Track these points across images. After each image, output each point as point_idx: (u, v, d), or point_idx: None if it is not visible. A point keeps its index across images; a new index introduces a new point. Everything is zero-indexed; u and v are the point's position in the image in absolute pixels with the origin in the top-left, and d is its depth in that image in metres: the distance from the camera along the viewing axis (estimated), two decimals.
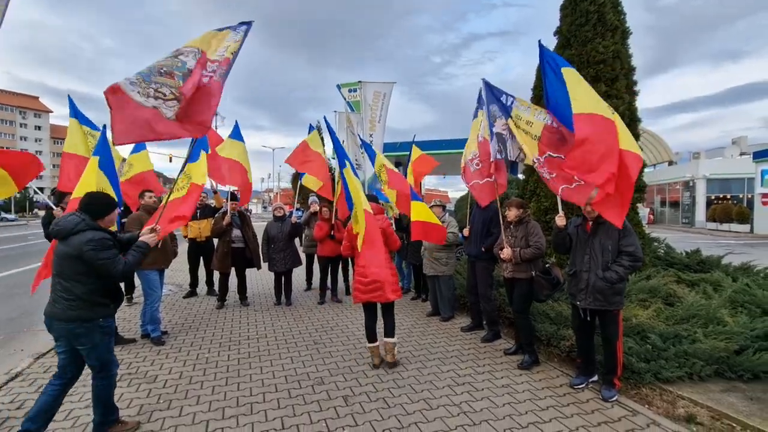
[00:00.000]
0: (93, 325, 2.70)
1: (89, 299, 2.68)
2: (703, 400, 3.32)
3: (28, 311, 6.50)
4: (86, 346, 2.71)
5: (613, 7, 5.96)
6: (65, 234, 2.66)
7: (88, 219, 2.74)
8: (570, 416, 3.19)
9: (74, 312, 2.64)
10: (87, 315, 2.68)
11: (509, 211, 4.34)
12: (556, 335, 4.23)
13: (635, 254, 3.30)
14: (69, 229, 2.66)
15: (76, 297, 2.65)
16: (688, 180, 30.07)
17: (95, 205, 2.85)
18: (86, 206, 2.81)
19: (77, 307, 2.65)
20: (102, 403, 2.87)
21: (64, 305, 2.64)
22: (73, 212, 2.78)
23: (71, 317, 2.64)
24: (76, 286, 2.65)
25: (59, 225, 2.68)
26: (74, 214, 2.74)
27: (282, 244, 6.49)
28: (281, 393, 3.57)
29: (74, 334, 2.67)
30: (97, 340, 2.73)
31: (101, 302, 2.75)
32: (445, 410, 3.27)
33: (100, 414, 2.88)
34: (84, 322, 2.67)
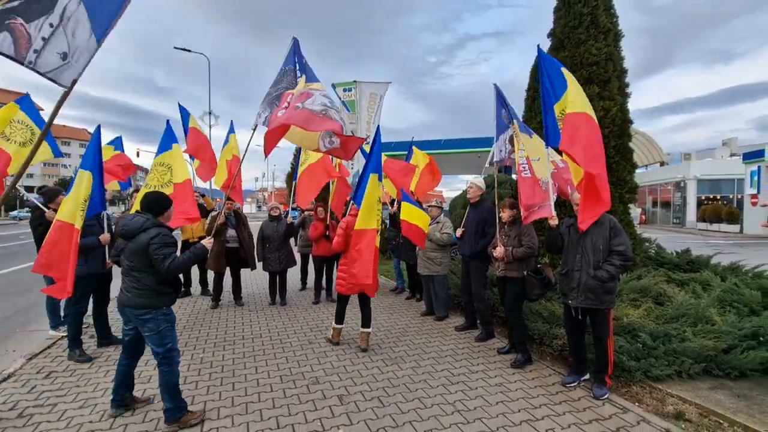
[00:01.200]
0: (158, 312, 2.99)
1: (156, 289, 2.99)
2: (691, 397, 3.38)
3: (22, 311, 6.45)
4: (153, 332, 2.97)
5: (605, 9, 6.02)
6: (134, 233, 2.95)
7: (152, 217, 3.04)
8: (562, 414, 3.24)
9: (143, 300, 2.95)
10: (154, 303, 2.98)
11: (503, 212, 4.39)
12: (549, 334, 4.29)
13: (626, 254, 3.36)
14: (137, 229, 2.95)
15: (145, 287, 2.96)
16: (679, 181, 30.42)
17: (155, 204, 3.11)
18: (148, 205, 3.10)
19: (146, 295, 2.96)
20: (168, 390, 3.02)
21: (135, 293, 2.96)
22: (137, 212, 3.09)
23: (140, 304, 2.95)
24: (146, 277, 2.96)
25: (127, 226, 2.97)
26: (139, 215, 3.04)
27: (277, 244, 6.49)
28: (276, 393, 3.58)
29: (142, 320, 2.95)
30: (162, 326, 2.99)
31: (166, 291, 3.06)
32: (440, 409, 3.30)
33: (170, 401, 3.02)
34: (152, 309, 2.97)
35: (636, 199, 6.24)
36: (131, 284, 2.98)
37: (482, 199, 5.17)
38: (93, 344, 4.69)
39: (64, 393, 3.57)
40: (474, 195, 5.16)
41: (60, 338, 4.88)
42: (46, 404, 3.37)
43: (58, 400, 3.45)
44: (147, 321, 2.95)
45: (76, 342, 4.34)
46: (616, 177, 6.00)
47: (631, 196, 6.04)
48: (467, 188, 5.31)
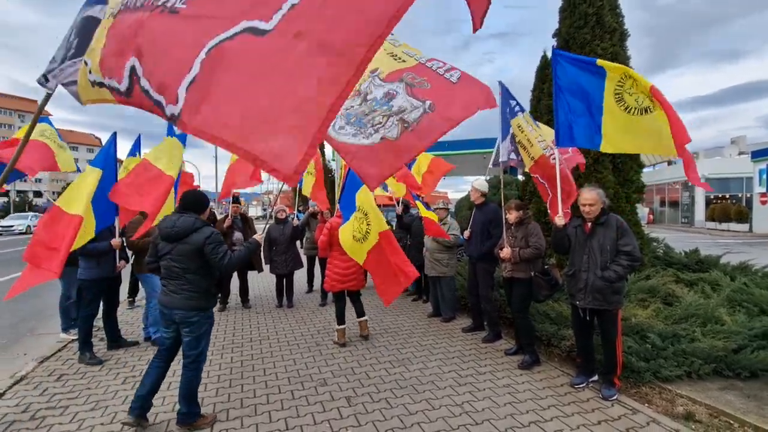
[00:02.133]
0: (205, 315, 3.03)
1: (208, 290, 3.04)
2: (701, 398, 3.35)
3: (31, 315, 6.53)
4: (194, 334, 2.97)
5: (611, 9, 6.01)
6: (185, 233, 2.92)
7: (198, 216, 3.05)
8: (571, 415, 3.23)
9: (194, 302, 2.95)
10: (203, 305, 3.01)
11: (509, 214, 4.39)
12: (557, 335, 4.27)
13: (633, 254, 3.34)
14: (188, 229, 2.92)
15: (199, 289, 2.97)
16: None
17: (198, 203, 3.12)
18: (192, 205, 3.08)
19: (198, 297, 2.97)
20: (188, 393, 3.02)
21: (187, 295, 2.94)
22: (178, 212, 3.04)
23: (192, 306, 2.94)
24: (200, 280, 2.97)
25: (176, 227, 2.93)
26: (186, 215, 3.00)
27: (283, 247, 6.53)
28: (284, 394, 3.61)
29: (189, 321, 2.95)
30: (203, 328, 3.02)
31: (214, 292, 3.15)
32: (447, 410, 3.30)
33: (187, 405, 3.02)
34: (201, 311, 2.99)
35: (643, 198, 6.21)
36: (183, 287, 2.94)
37: (487, 201, 5.17)
38: (103, 347, 4.74)
39: (76, 395, 3.62)
40: (475, 197, 5.17)
41: (70, 341, 4.93)
42: (57, 406, 3.42)
43: (69, 402, 3.50)
44: (193, 323, 2.96)
45: (87, 345, 4.39)
46: (623, 177, 5.98)
47: (638, 196, 6.01)
48: (472, 192, 5.31)
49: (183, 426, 3.03)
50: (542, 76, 7.18)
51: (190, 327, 2.96)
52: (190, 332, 2.97)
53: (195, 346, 3.00)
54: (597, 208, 3.53)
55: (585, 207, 3.56)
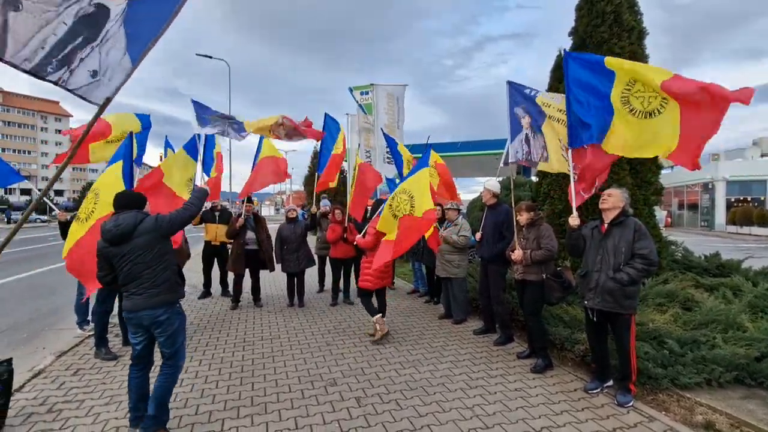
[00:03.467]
0: (174, 309, 2.91)
1: (169, 281, 2.89)
2: (722, 407, 3.25)
3: (50, 311, 6.69)
4: (167, 333, 2.86)
5: (629, 7, 5.89)
6: (133, 227, 2.77)
7: (139, 210, 2.94)
8: (585, 421, 3.16)
9: (162, 297, 2.82)
10: (169, 298, 2.87)
11: (520, 215, 4.33)
12: (570, 339, 4.19)
13: (649, 257, 3.25)
14: (134, 222, 2.79)
15: (163, 281, 2.84)
16: (707, 182, 29.42)
17: (135, 200, 3.01)
18: (129, 202, 2.96)
19: (165, 290, 2.84)
20: (160, 396, 2.89)
21: (151, 293, 2.80)
22: (123, 212, 2.88)
23: (159, 303, 2.81)
24: (161, 271, 2.83)
25: (119, 228, 2.74)
26: (125, 212, 2.86)
27: (295, 245, 6.56)
28: (295, 393, 3.61)
29: (158, 321, 2.82)
30: (176, 323, 2.91)
31: (178, 282, 3.03)
32: (458, 413, 3.27)
33: (155, 408, 2.87)
34: (167, 305, 2.86)
35: (661, 201, 6.06)
36: (142, 285, 2.79)
37: (499, 202, 5.11)
38: (118, 343, 4.82)
39: (91, 390, 3.68)
40: (487, 199, 5.11)
41: (87, 337, 5.03)
42: (74, 400, 3.48)
43: (85, 396, 3.56)
44: (163, 322, 2.83)
45: (102, 340, 4.48)
46: (641, 179, 5.85)
47: (656, 198, 5.88)
48: (484, 194, 5.25)
49: (146, 430, 2.84)
50: (558, 75, 7.06)
51: (161, 326, 2.84)
52: (163, 331, 2.85)
53: (171, 344, 2.90)
54: (614, 204, 3.46)
55: (603, 198, 3.51)
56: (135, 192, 3.28)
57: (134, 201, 2.99)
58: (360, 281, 5.17)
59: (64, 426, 3.09)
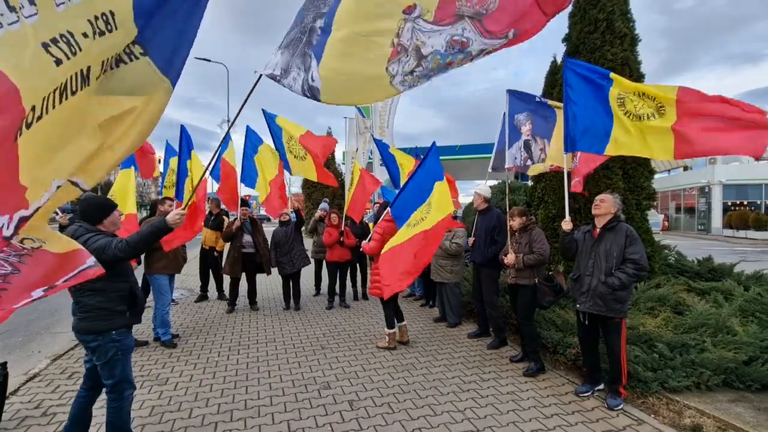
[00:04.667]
0: (106, 338, 2.55)
1: (103, 307, 2.55)
2: (710, 410, 3.29)
3: (46, 314, 6.69)
4: (101, 361, 2.57)
5: (621, 14, 5.96)
6: None
7: (86, 224, 2.59)
8: (574, 424, 3.19)
9: (86, 323, 2.54)
10: (99, 326, 2.54)
11: (513, 221, 4.38)
12: (562, 343, 4.23)
13: (640, 262, 3.30)
14: None
15: (90, 308, 2.54)
16: (703, 186, 29.54)
17: (90, 210, 2.66)
18: (82, 213, 2.65)
19: (90, 318, 2.54)
20: (112, 428, 2.66)
21: (79, 317, 2.57)
22: (78, 221, 2.63)
23: (85, 329, 2.55)
24: (88, 296, 2.53)
25: None
26: (77, 224, 2.59)
27: (287, 247, 6.60)
28: (288, 397, 3.64)
29: (89, 347, 2.58)
30: (110, 354, 2.56)
31: (116, 311, 2.61)
32: (449, 416, 3.30)
33: None
34: (97, 334, 2.54)
35: (654, 205, 6.11)
36: (75, 305, 2.58)
37: (490, 207, 5.16)
38: None
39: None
40: (479, 204, 5.17)
41: None
42: (68, 403, 3.48)
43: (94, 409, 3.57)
44: (95, 348, 2.54)
45: None
46: (633, 183, 5.90)
47: (648, 203, 5.93)
48: (475, 198, 5.31)
49: None
50: (552, 81, 7.14)
51: (95, 353, 2.56)
52: (97, 359, 2.56)
53: (108, 375, 2.58)
54: (607, 210, 3.51)
55: (596, 203, 3.57)
56: (93, 198, 2.79)
57: (85, 213, 2.65)
58: (370, 289, 5.03)
59: (58, 429, 3.11)
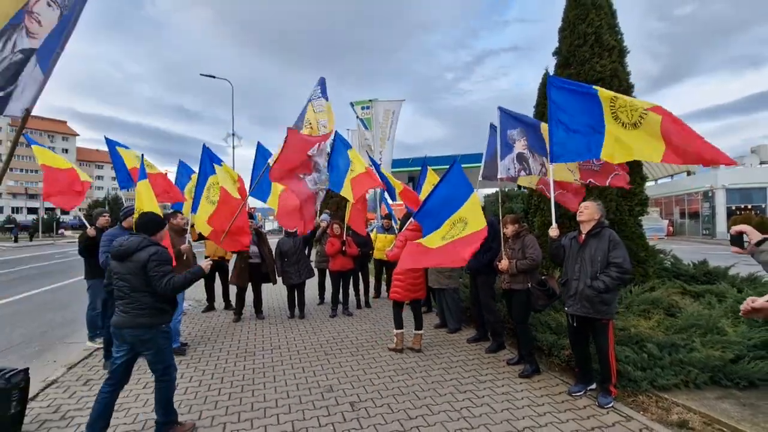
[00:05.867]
0: (158, 330, 3.06)
1: (156, 306, 3.05)
2: (696, 406, 3.42)
3: (59, 326, 6.92)
4: (151, 351, 3.05)
5: (609, 28, 6.20)
6: (131, 253, 3.01)
7: (147, 237, 3.14)
8: (566, 421, 3.34)
9: (144, 319, 3.00)
10: (151, 321, 3.03)
11: (506, 228, 4.56)
12: (556, 345, 4.38)
13: (623, 266, 3.47)
14: (134, 248, 3.02)
15: (146, 305, 3.01)
16: (707, 190, 29.54)
17: (151, 224, 3.24)
18: (142, 225, 3.21)
19: (147, 315, 3.01)
20: (163, 404, 3.16)
21: (135, 314, 2.99)
22: (130, 233, 3.21)
23: (141, 324, 2.99)
24: (145, 296, 3.01)
25: (123, 246, 3.03)
26: (136, 235, 3.14)
27: (295, 258, 6.81)
28: (292, 399, 3.81)
29: (141, 340, 3.02)
30: (161, 344, 3.09)
31: (164, 309, 3.11)
32: (446, 415, 3.46)
33: (162, 414, 3.16)
34: (150, 328, 3.02)
35: (647, 211, 6.26)
36: (129, 305, 3.00)
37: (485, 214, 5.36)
38: None
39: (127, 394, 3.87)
40: None
41: (96, 349, 5.26)
42: (85, 408, 3.69)
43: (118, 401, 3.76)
44: (147, 341, 3.02)
45: (111, 352, 4.68)
46: (625, 190, 6.07)
47: (641, 209, 6.08)
48: None
49: None
50: (545, 92, 7.35)
51: (145, 345, 3.03)
52: (148, 350, 3.05)
53: (159, 361, 3.09)
54: (590, 216, 3.69)
55: (580, 210, 3.76)
56: (154, 215, 3.40)
57: (146, 225, 3.22)
58: (391, 293, 5.29)
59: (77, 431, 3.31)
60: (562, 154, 4.13)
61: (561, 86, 4.21)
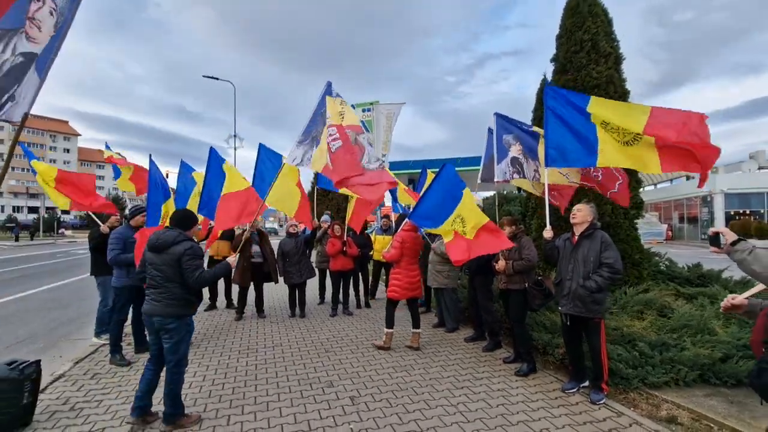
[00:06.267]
0: (182, 321, 3.29)
1: (186, 298, 3.30)
2: (685, 403, 3.54)
3: (65, 323, 7.03)
4: (172, 340, 3.24)
5: (606, 35, 6.34)
6: (167, 246, 3.25)
7: (183, 232, 3.38)
8: (558, 416, 3.46)
9: (172, 309, 3.24)
10: (180, 312, 3.28)
11: (504, 229, 4.68)
12: (551, 343, 4.50)
13: (614, 266, 3.59)
14: (171, 242, 3.26)
15: (176, 296, 3.25)
16: (705, 195, 29.67)
17: (185, 220, 3.49)
18: (177, 221, 3.45)
19: (175, 305, 3.25)
20: (171, 395, 3.29)
21: (165, 303, 3.23)
22: (167, 227, 3.46)
23: (169, 313, 3.23)
24: (177, 288, 3.25)
25: (160, 239, 3.28)
26: (172, 230, 3.37)
27: (296, 258, 6.94)
28: (294, 393, 3.93)
29: (166, 327, 3.23)
30: (182, 335, 3.30)
31: (191, 300, 3.36)
32: (443, 409, 3.57)
33: (170, 406, 3.30)
34: (177, 318, 3.25)
35: (642, 215, 6.39)
36: (162, 294, 3.24)
37: None
38: (131, 350, 5.15)
39: (108, 391, 4.02)
40: None
41: (101, 345, 5.37)
42: (93, 400, 3.82)
43: (103, 397, 3.89)
44: (171, 330, 3.23)
45: (117, 347, 4.81)
46: None
47: (636, 212, 6.21)
48: None
49: (168, 424, 3.29)
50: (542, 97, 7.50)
51: (169, 333, 3.23)
52: (170, 338, 3.24)
53: (174, 350, 3.26)
54: (583, 218, 3.82)
55: (573, 213, 3.88)
56: (187, 212, 3.68)
57: (181, 220, 3.46)
58: (388, 291, 5.39)
59: (86, 422, 3.42)
60: (557, 158, 4.25)
61: (557, 95, 4.33)
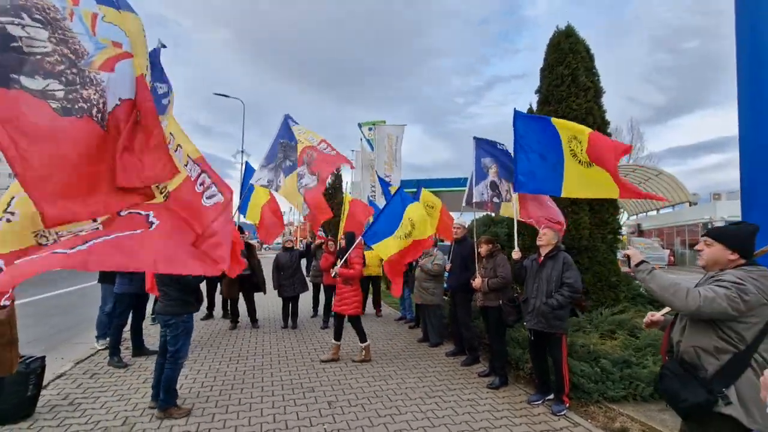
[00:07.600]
0: (179, 319, 3.78)
1: (181, 299, 3.78)
2: (638, 416, 3.78)
3: (66, 328, 7.37)
4: (172, 334, 3.77)
5: (586, 70, 6.76)
6: None
7: None
8: (519, 424, 3.71)
9: (170, 308, 3.75)
10: (177, 311, 3.77)
11: (481, 248, 5.01)
12: (522, 358, 4.76)
13: (574, 285, 3.89)
14: None
15: (172, 298, 3.75)
16: (706, 221, 29.70)
17: None
18: None
19: (172, 305, 3.75)
20: (166, 385, 3.70)
21: (165, 304, 3.76)
22: None
23: (168, 312, 3.75)
24: (172, 290, 3.75)
25: None
26: None
27: (290, 272, 7.28)
28: (276, 397, 4.22)
29: (167, 324, 3.78)
30: (179, 330, 3.78)
31: (189, 301, 3.85)
32: (412, 415, 3.84)
33: (164, 393, 3.71)
34: (175, 316, 3.75)
35: (620, 240, 6.67)
36: (163, 296, 3.79)
37: (465, 237, 5.84)
38: (128, 354, 5.47)
39: (106, 389, 4.33)
40: (461, 234, 5.84)
41: (101, 349, 5.69)
42: (91, 397, 4.14)
43: (100, 394, 4.21)
44: (170, 326, 3.77)
45: (116, 350, 5.14)
46: (599, 219, 6.50)
47: (613, 237, 6.50)
48: (455, 229, 5.99)
49: (160, 411, 3.73)
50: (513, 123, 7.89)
51: (169, 328, 3.78)
52: (170, 332, 3.78)
53: (173, 343, 3.76)
54: (548, 241, 4.15)
55: (539, 236, 4.23)
56: None
57: None
58: (334, 307, 5.60)
59: (83, 415, 3.74)
60: (525, 183, 4.60)
61: (525, 119, 4.71)
